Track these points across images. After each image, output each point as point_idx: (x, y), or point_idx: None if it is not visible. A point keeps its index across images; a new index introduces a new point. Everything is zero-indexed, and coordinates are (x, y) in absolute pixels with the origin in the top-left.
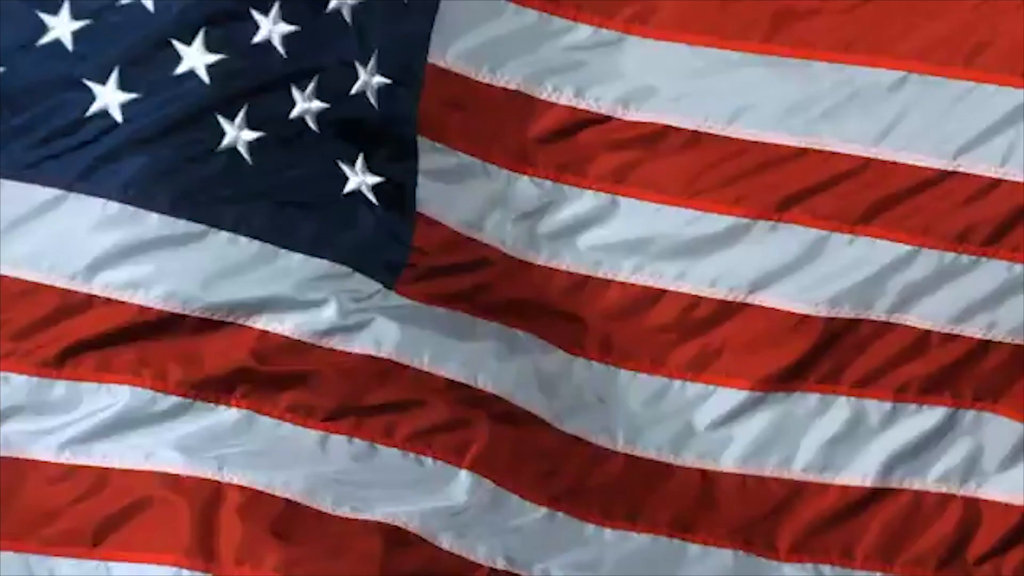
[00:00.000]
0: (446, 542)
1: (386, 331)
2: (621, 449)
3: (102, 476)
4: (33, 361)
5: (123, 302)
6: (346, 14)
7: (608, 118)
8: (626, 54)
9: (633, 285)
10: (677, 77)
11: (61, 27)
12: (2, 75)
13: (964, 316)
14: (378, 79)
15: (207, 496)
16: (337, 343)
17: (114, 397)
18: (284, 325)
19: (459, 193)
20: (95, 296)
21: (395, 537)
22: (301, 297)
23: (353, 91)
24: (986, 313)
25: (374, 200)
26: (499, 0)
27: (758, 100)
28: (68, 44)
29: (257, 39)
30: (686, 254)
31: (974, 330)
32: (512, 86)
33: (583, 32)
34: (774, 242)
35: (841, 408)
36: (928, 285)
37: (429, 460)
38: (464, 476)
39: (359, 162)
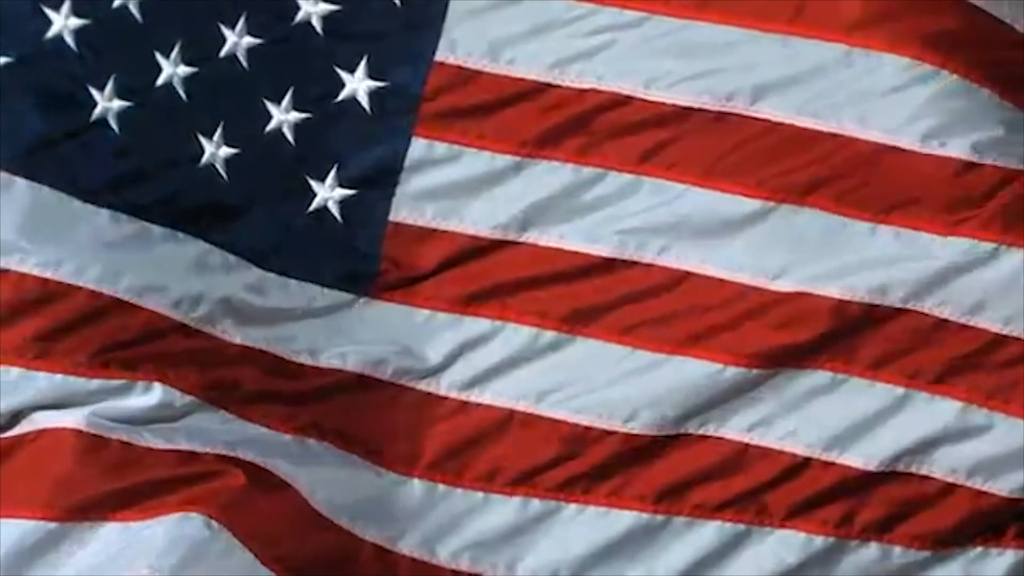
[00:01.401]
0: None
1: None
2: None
3: None
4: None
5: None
6: (316, 24)
7: (630, 99)
8: (649, 35)
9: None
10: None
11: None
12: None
13: (979, 308)
14: (369, 83)
15: None
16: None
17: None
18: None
19: (464, 194)
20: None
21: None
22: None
23: (341, 97)
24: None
25: (338, 216)
26: None
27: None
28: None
29: (224, 53)
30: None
31: (987, 324)
32: (532, 76)
33: (606, 16)
34: (794, 226)
35: (853, 389)
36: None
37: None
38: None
39: (331, 175)
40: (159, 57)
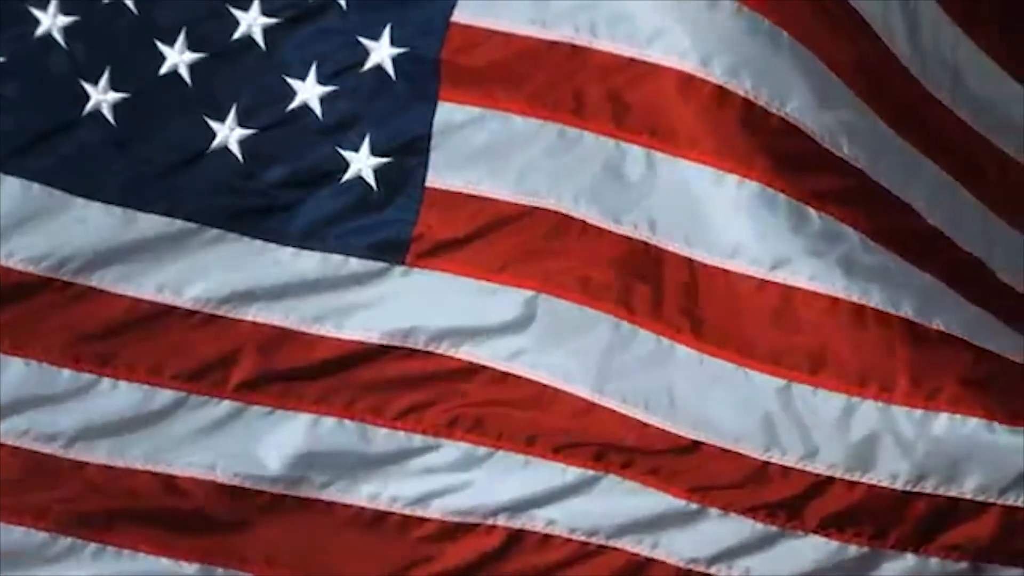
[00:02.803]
0: None
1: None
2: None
3: None
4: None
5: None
6: None
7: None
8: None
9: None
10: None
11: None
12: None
13: None
14: (393, 50)
15: None
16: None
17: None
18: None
19: (472, 142)
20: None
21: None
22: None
23: (366, 67)
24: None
25: (373, 184)
26: None
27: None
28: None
29: (237, 35)
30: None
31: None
32: (562, 38)
33: None
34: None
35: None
36: None
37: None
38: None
39: (364, 145)
40: (161, 45)
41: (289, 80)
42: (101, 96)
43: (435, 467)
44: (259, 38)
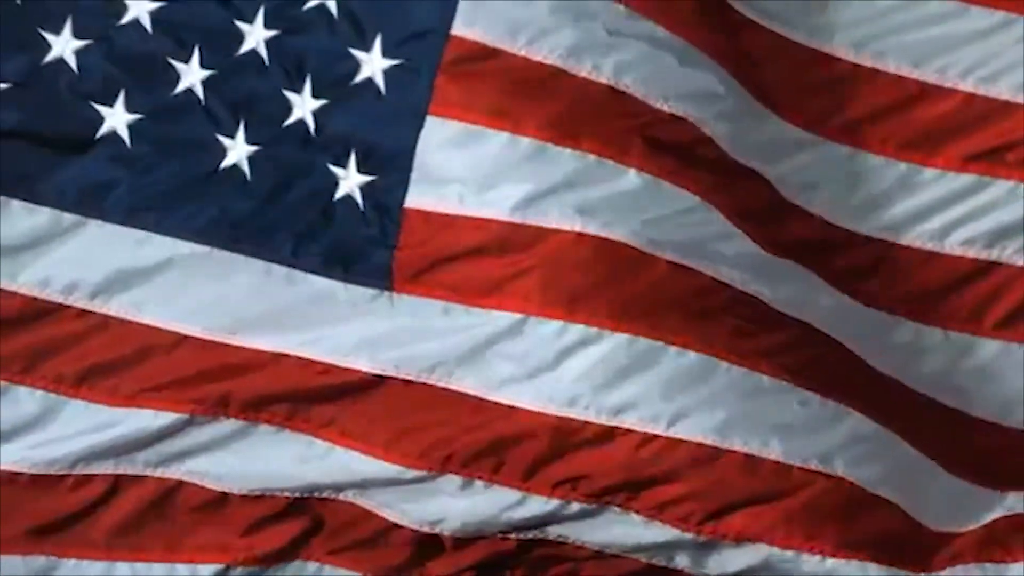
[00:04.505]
0: None
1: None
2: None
3: None
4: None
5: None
6: (331, 6)
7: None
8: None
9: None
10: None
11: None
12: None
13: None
14: (385, 62)
15: None
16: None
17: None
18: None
19: (459, 159)
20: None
21: None
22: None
23: (357, 80)
24: None
25: (360, 203)
26: None
27: None
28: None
29: (244, 49)
30: None
31: None
32: (550, 61)
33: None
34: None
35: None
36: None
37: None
38: None
39: (351, 162)
40: (176, 64)
41: (286, 94)
42: (117, 118)
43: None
44: (263, 51)
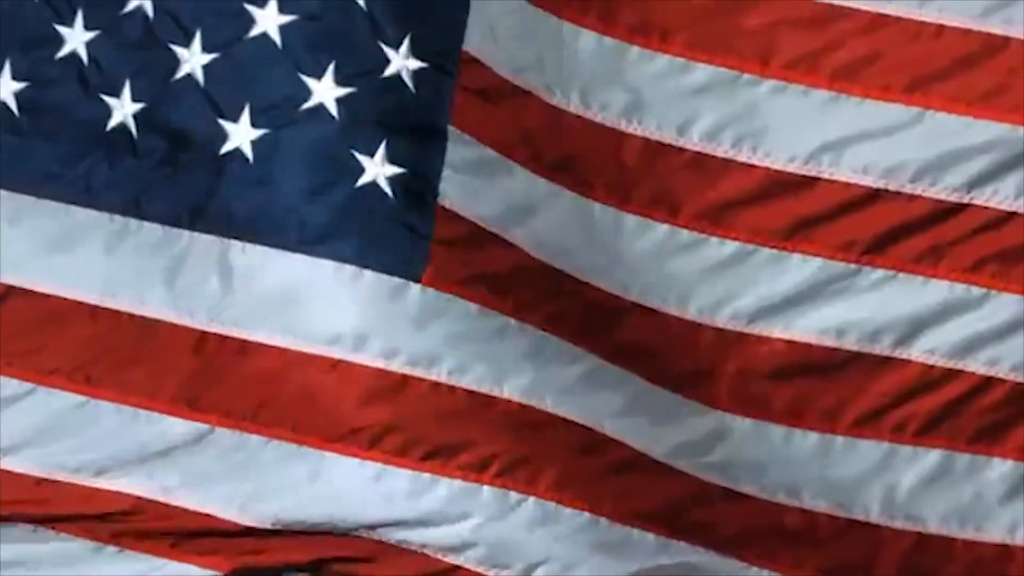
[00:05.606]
0: None
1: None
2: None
3: None
4: None
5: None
6: (361, 1)
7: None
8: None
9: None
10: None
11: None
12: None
13: (968, 351)
14: (413, 63)
15: None
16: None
17: None
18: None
19: (486, 189)
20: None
21: None
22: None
23: (387, 73)
24: (991, 348)
25: (389, 192)
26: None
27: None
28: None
29: (254, 33)
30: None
31: (976, 366)
32: (532, 91)
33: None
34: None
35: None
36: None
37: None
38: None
39: (380, 151)
40: (177, 49)
41: (305, 79)
42: (125, 108)
43: None
44: (276, 36)
